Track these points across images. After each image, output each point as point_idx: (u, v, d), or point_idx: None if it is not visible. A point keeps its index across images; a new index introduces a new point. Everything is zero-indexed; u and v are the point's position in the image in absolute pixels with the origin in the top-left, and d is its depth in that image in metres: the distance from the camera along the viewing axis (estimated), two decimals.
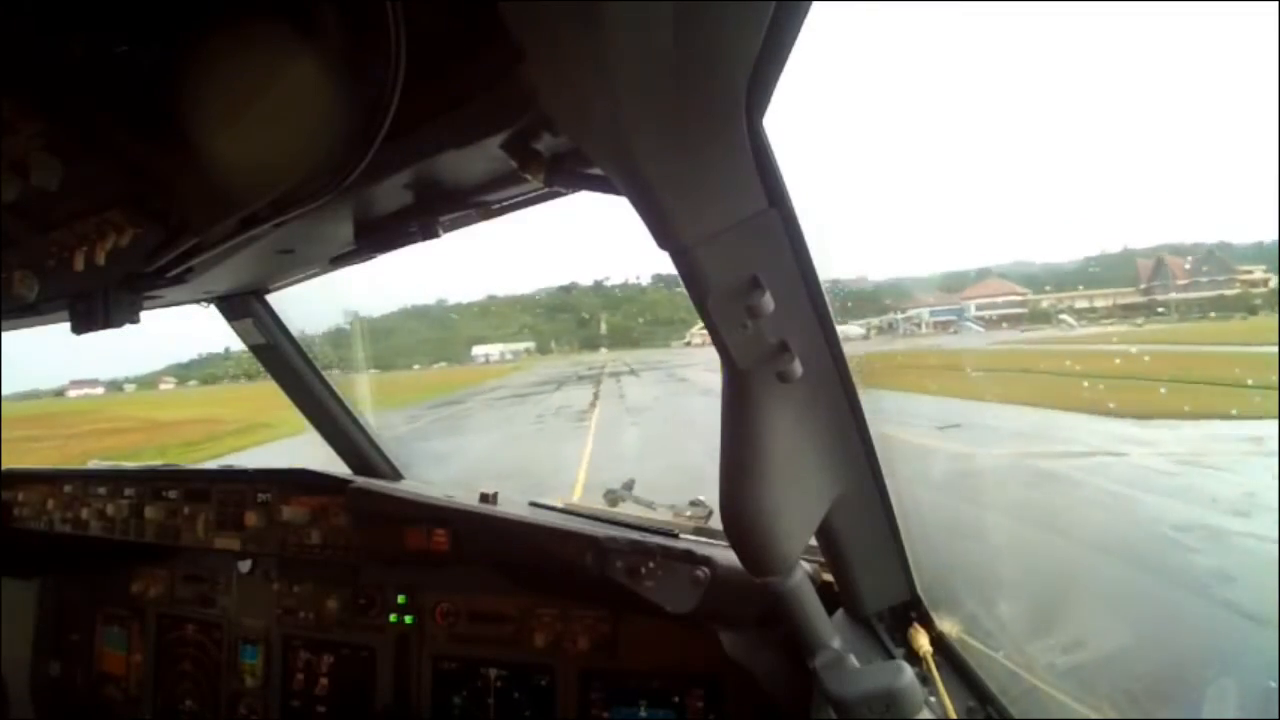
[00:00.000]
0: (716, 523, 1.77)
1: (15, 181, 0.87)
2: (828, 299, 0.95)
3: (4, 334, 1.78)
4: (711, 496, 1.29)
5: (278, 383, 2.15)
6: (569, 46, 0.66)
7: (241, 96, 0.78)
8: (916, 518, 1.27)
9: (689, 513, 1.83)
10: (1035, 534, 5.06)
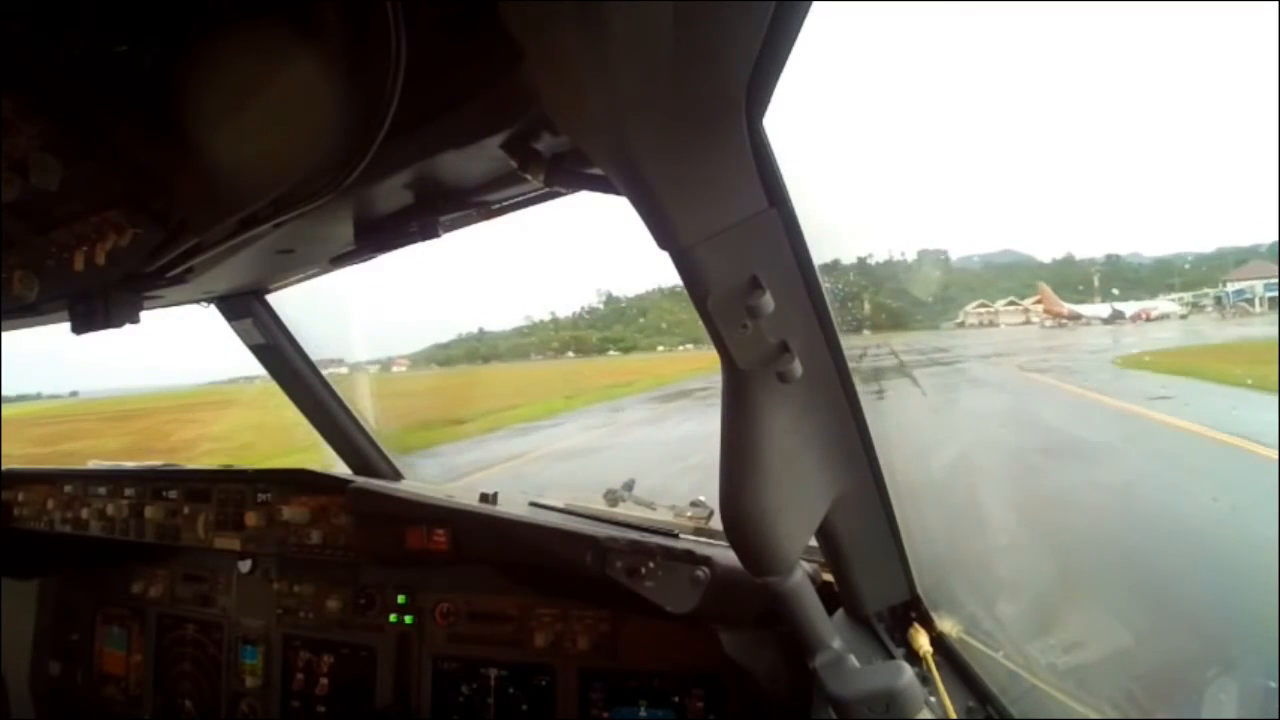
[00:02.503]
0: (717, 523, 1.77)
1: (15, 181, 0.87)
2: (827, 299, 0.95)
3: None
4: None
5: (278, 383, 2.15)
6: (569, 46, 0.66)
7: (242, 96, 0.78)
8: (916, 517, 1.27)
9: (689, 513, 1.83)
10: None
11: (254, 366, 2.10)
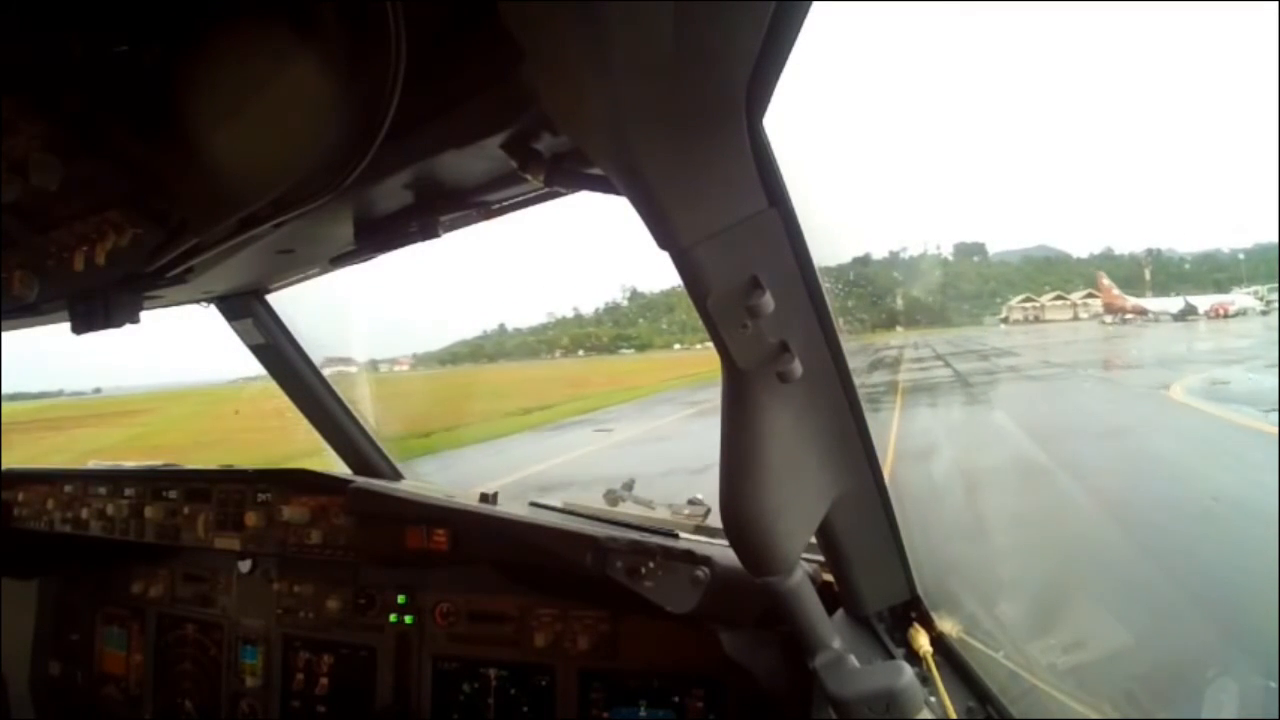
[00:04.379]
0: (714, 521, 1.77)
1: (15, 181, 0.87)
2: (828, 299, 0.95)
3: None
4: None
5: (278, 383, 2.15)
6: (569, 46, 0.66)
7: (241, 96, 0.78)
8: (917, 517, 1.27)
9: (687, 511, 1.84)
10: None
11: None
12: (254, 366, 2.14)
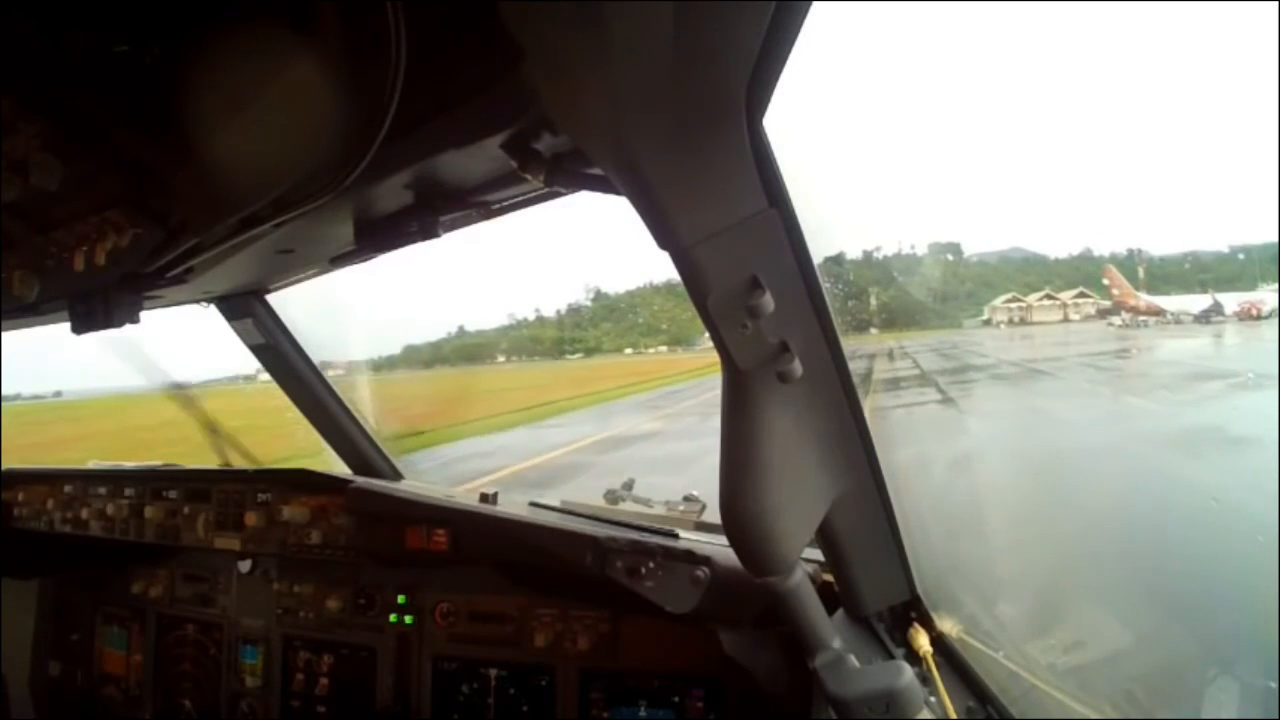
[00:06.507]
0: (709, 517, 1.77)
1: (15, 181, 0.88)
2: (828, 299, 0.95)
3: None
4: None
5: (278, 383, 2.15)
6: (569, 46, 0.66)
7: (241, 96, 0.78)
8: (916, 517, 1.27)
9: (682, 508, 1.85)
10: None
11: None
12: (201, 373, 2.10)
